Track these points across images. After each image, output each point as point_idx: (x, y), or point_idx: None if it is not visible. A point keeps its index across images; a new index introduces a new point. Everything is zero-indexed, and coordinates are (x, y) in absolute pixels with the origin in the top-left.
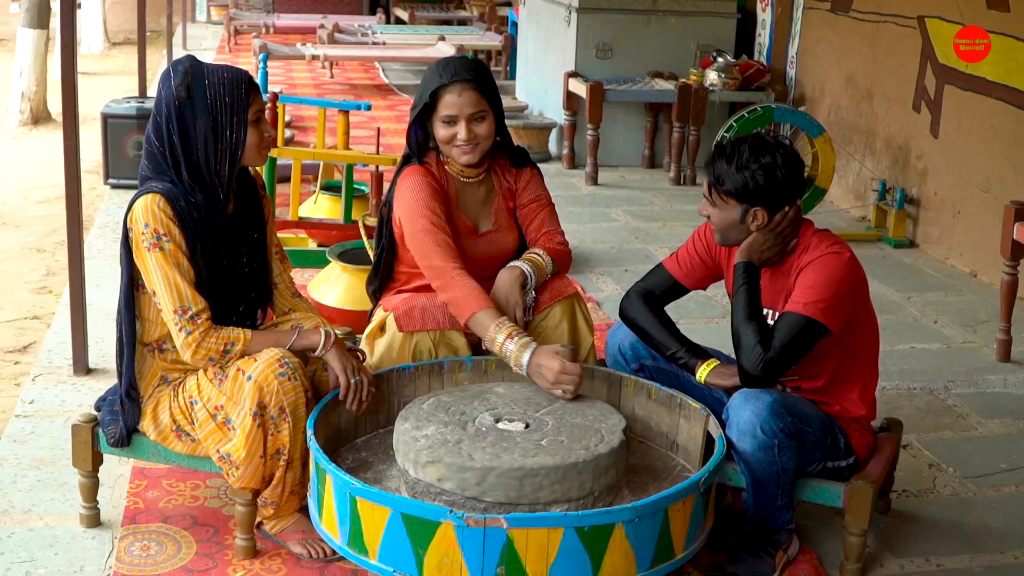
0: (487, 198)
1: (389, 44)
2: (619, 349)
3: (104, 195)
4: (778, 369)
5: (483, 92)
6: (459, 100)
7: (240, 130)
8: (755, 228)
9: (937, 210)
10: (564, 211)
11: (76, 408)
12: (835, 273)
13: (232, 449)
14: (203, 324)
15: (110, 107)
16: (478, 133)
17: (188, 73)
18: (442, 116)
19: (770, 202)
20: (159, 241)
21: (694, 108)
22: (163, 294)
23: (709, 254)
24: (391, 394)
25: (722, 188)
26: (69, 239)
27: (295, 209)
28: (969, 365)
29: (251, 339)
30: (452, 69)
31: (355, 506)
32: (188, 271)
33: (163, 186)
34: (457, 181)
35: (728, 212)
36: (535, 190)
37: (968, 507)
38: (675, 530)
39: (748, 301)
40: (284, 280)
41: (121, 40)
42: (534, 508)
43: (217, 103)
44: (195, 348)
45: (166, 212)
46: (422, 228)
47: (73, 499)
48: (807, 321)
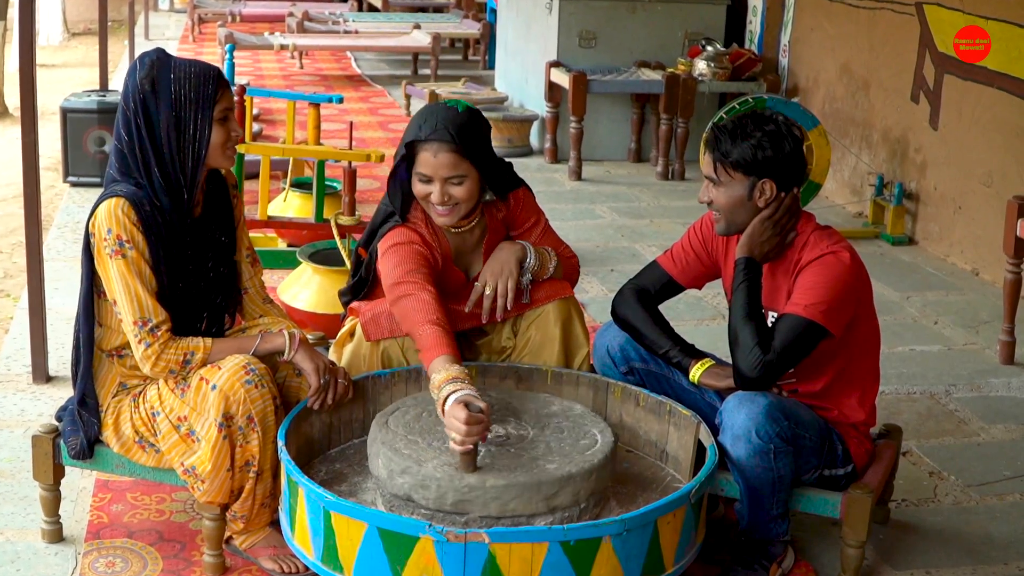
0: (480, 240)
1: (362, 33)
2: (607, 351)
3: (64, 193)
4: (776, 372)
5: (465, 155)
6: (434, 161)
7: (204, 127)
8: (763, 204)
9: (937, 205)
10: (547, 208)
11: (36, 418)
12: (837, 274)
13: (197, 462)
14: (162, 336)
15: (70, 101)
16: (454, 195)
17: (154, 66)
18: (417, 173)
19: (778, 173)
20: (122, 248)
21: (682, 99)
22: (123, 304)
23: (705, 250)
24: (366, 402)
25: (728, 161)
26: (28, 241)
27: (264, 208)
28: (971, 368)
29: (211, 347)
30: (433, 124)
31: (329, 520)
32: (150, 280)
33: (127, 190)
34: (448, 234)
35: (735, 188)
36: (528, 213)
37: (970, 516)
38: (665, 543)
39: (748, 300)
40: (255, 285)
41: (81, 30)
42: (517, 521)
43: (181, 98)
44: (154, 360)
45: (130, 217)
46: (397, 297)
47: (34, 513)
48: (808, 324)
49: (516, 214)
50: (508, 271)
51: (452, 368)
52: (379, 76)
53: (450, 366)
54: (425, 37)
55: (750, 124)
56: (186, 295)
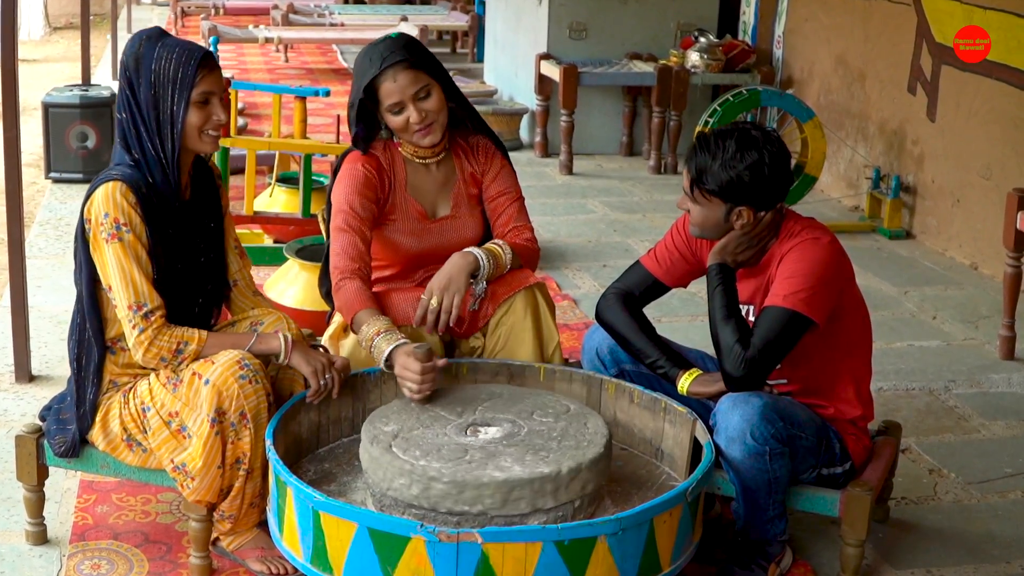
0: (447, 181)
1: (347, 25)
2: (597, 353)
3: (45, 190)
4: (762, 368)
5: (419, 67)
6: (396, 85)
7: (180, 107)
8: (739, 227)
9: (935, 198)
10: (537, 202)
11: (19, 418)
12: (814, 260)
13: (188, 459)
14: (156, 321)
15: (52, 96)
16: (429, 110)
17: (143, 44)
18: (387, 106)
19: (756, 201)
20: (119, 231)
21: (675, 91)
22: (118, 288)
23: (689, 249)
24: (355, 400)
25: (705, 187)
26: (10, 238)
27: (250, 203)
28: (970, 363)
29: (206, 340)
30: (379, 55)
31: (318, 521)
32: (146, 264)
33: (123, 172)
34: (410, 163)
35: (711, 211)
36: (505, 182)
37: (971, 515)
38: (661, 543)
39: (725, 302)
40: (244, 277)
41: (63, 24)
42: (510, 520)
43: (160, 75)
44: (147, 346)
45: (128, 199)
46: (335, 226)
47: (18, 514)
48: (789, 314)
49: (493, 178)
50: (456, 287)
51: (379, 320)
52: None
53: (376, 318)
54: (412, 29)
55: (732, 148)
56: (179, 279)
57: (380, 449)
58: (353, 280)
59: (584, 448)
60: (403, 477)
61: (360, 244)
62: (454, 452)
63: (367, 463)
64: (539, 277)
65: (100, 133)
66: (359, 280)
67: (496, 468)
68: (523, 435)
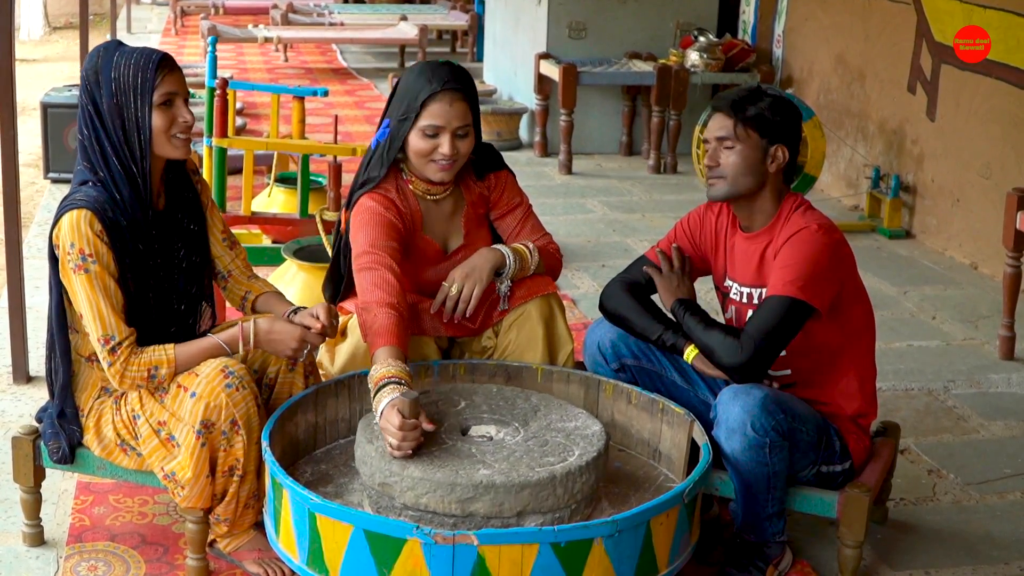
0: (455, 211)
1: (347, 25)
2: (599, 347)
3: (44, 190)
4: (763, 355)
5: (471, 106)
6: (448, 111)
7: (144, 112)
8: (774, 170)
9: (934, 198)
10: (536, 202)
11: (16, 419)
12: (810, 248)
13: (177, 468)
14: (123, 353)
15: (50, 96)
16: (460, 151)
17: (100, 56)
18: (424, 127)
19: (790, 141)
20: (84, 263)
21: (674, 91)
22: (88, 319)
23: (693, 246)
24: (352, 401)
25: (747, 117)
26: (7, 239)
27: (247, 203)
28: (970, 363)
29: (174, 360)
30: (442, 76)
31: (315, 523)
32: (116, 294)
33: (88, 197)
34: (422, 201)
35: (750, 150)
36: (511, 196)
37: (970, 515)
38: (658, 545)
39: (700, 319)
40: (237, 267)
41: (62, 24)
42: (506, 523)
43: (120, 82)
44: (119, 378)
45: (93, 228)
46: (360, 266)
47: (15, 516)
48: (789, 302)
49: (500, 194)
50: (478, 277)
51: (392, 365)
52: (365, 69)
53: (391, 362)
54: (412, 29)
55: (759, 89)
56: (157, 293)
57: (376, 450)
58: (384, 311)
59: (581, 450)
60: (398, 478)
61: (390, 277)
62: (450, 453)
63: (362, 464)
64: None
65: None
66: (389, 311)
67: (492, 469)
68: (520, 436)
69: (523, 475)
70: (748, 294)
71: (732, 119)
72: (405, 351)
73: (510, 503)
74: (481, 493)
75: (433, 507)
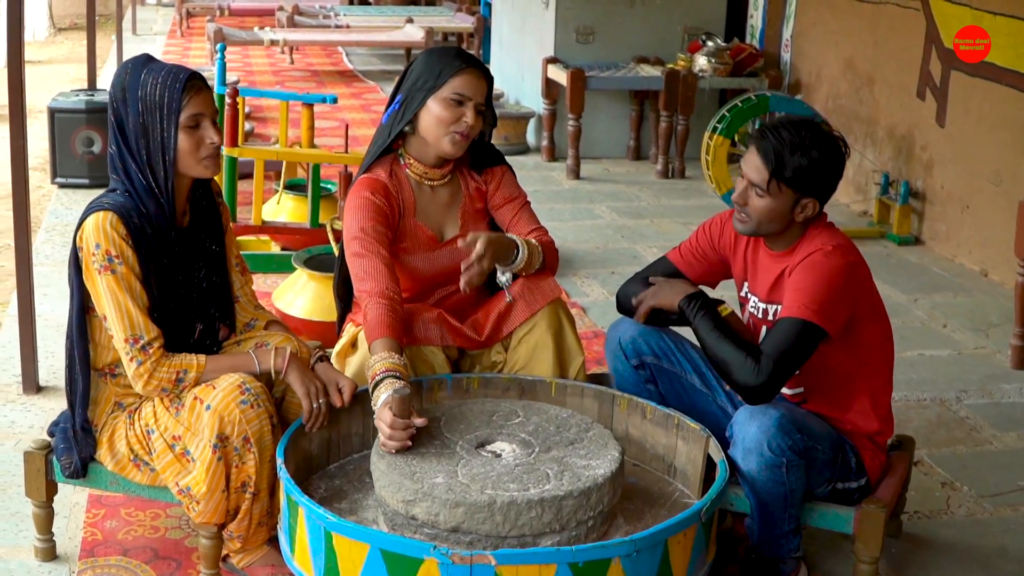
0: (452, 201)
1: (353, 27)
2: (620, 343)
3: (51, 195)
4: (777, 377)
5: (489, 89)
6: (476, 84)
7: (169, 132)
8: (801, 220)
9: (944, 204)
10: (544, 207)
11: (27, 430)
12: (824, 272)
13: (192, 483)
14: (155, 354)
15: (57, 101)
16: (478, 125)
17: (128, 72)
18: (451, 96)
19: (823, 193)
20: (111, 264)
21: (682, 96)
22: (114, 320)
23: (713, 249)
24: (366, 416)
25: (784, 177)
26: (17, 247)
27: (258, 213)
28: (981, 373)
29: (205, 366)
30: (465, 55)
31: (331, 541)
32: (141, 295)
33: (115, 201)
34: (416, 187)
35: (780, 202)
36: (509, 189)
37: (984, 529)
38: (675, 563)
39: (713, 324)
40: (246, 293)
41: (67, 25)
42: (523, 541)
43: (147, 100)
44: (147, 379)
45: (118, 231)
46: (351, 253)
47: (26, 529)
48: (801, 324)
49: (496, 187)
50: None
51: (389, 358)
52: (371, 71)
53: (387, 355)
54: (418, 31)
55: (809, 138)
56: (178, 307)
57: (391, 467)
58: (374, 301)
59: (596, 467)
60: (413, 495)
61: (380, 264)
62: (465, 470)
63: (378, 481)
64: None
65: (106, 138)
66: (380, 300)
67: (507, 488)
68: (535, 453)
69: (538, 492)
70: (764, 310)
71: (768, 171)
72: (400, 340)
73: (524, 521)
74: (497, 511)
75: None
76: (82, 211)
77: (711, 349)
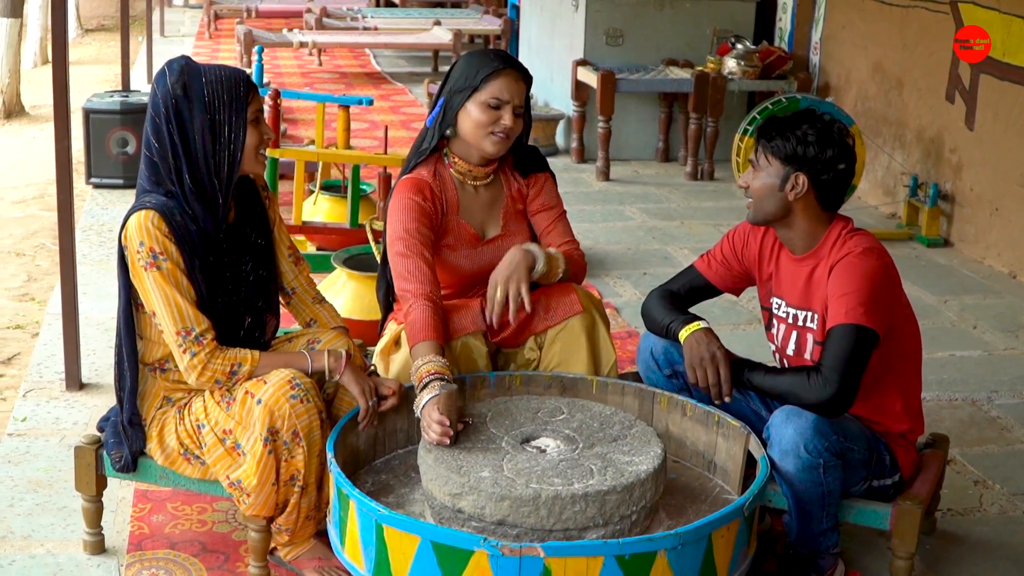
0: (495, 201)
1: (381, 29)
2: (651, 353)
3: (87, 195)
4: (848, 385)
5: (527, 91)
6: (514, 86)
7: (239, 130)
8: (792, 197)
9: (973, 207)
10: (574, 208)
11: (71, 426)
12: (864, 274)
13: (243, 475)
14: (208, 345)
15: (92, 102)
16: (517, 127)
17: (184, 71)
18: (488, 99)
19: (814, 170)
20: (156, 260)
21: (712, 98)
22: (164, 315)
23: (737, 258)
24: (410, 412)
25: (769, 145)
26: (61, 247)
27: (298, 214)
28: (1012, 373)
29: (259, 360)
30: (504, 57)
31: (381, 534)
32: (188, 289)
33: (156, 201)
34: (460, 186)
35: (769, 175)
36: (548, 198)
37: (1017, 526)
38: (719, 557)
39: (765, 371)
40: (302, 284)
41: (94, 26)
42: (568, 535)
43: (215, 101)
44: (200, 370)
45: (160, 229)
46: (395, 253)
47: (75, 524)
48: (854, 329)
49: (537, 192)
50: (518, 275)
51: (434, 360)
52: (398, 73)
53: (432, 357)
54: (446, 34)
55: (802, 118)
56: (226, 302)
57: (438, 461)
58: (419, 303)
59: (639, 463)
60: (460, 489)
61: (423, 265)
62: (511, 465)
63: (425, 474)
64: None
65: (140, 139)
66: (424, 302)
67: (552, 482)
68: (579, 449)
69: (583, 487)
70: (795, 315)
71: (757, 145)
72: (442, 342)
73: (570, 515)
74: (542, 504)
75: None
76: (121, 211)
77: (773, 390)
